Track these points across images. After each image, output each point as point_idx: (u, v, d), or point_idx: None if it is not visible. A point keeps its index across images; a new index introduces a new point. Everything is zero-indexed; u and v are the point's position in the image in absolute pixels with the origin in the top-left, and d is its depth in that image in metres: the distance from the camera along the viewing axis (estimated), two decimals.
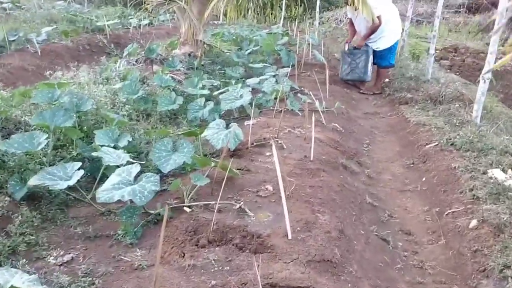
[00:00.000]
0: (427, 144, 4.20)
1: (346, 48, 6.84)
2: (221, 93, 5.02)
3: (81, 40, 8.26)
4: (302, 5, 19.66)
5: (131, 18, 13.54)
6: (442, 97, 5.49)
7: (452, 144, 3.99)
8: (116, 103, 4.30)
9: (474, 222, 2.75)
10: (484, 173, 3.36)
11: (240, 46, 9.54)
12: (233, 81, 5.68)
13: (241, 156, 3.49)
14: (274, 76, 5.90)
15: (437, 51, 7.92)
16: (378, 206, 3.16)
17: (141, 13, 14.09)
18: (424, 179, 3.68)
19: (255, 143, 3.68)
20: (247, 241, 2.32)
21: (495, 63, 4.66)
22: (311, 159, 3.42)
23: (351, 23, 7.09)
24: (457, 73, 9.71)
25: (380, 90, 6.65)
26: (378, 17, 6.33)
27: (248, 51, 8.38)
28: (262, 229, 2.41)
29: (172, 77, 6.05)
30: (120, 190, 2.48)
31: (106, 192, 2.47)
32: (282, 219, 2.41)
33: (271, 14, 18.08)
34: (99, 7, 17.45)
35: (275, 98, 4.98)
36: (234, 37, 10.33)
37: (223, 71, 6.75)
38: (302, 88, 5.76)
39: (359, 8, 6.01)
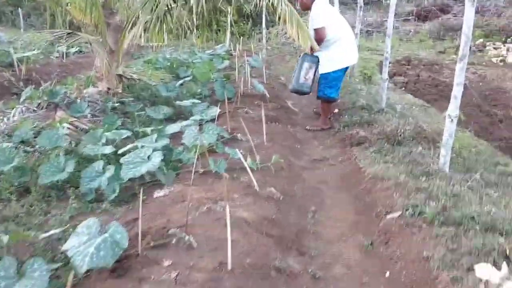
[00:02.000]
0: (387, 212, 3.23)
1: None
2: (128, 151, 3.93)
3: None
4: (250, 20, 18.73)
5: (60, 46, 12.13)
6: (400, 135, 4.58)
7: (420, 214, 3.05)
8: None
9: None
10: (470, 269, 2.42)
11: (177, 73, 8.43)
12: (149, 129, 4.58)
13: (126, 270, 2.39)
14: (200, 120, 4.86)
15: (390, 64, 7.11)
16: None
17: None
18: (388, 274, 2.69)
19: (152, 243, 2.60)
20: None
21: (463, 96, 3.81)
22: (229, 267, 2.39)
23: None
24: (413, 91, 9.00)
25: (329, 125, 5.71)
26: (319, 29, 5.34)
27: (180, 81, 7.28)
28: None
29: (76, 127, 4.92)
30: None
31: None
32: None
33: (217, 32, 17.05)
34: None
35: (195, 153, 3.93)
36: (169, 63, 9.20)
37: (145, 112, 5.64)
38: (235, 134, 4.72)
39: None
